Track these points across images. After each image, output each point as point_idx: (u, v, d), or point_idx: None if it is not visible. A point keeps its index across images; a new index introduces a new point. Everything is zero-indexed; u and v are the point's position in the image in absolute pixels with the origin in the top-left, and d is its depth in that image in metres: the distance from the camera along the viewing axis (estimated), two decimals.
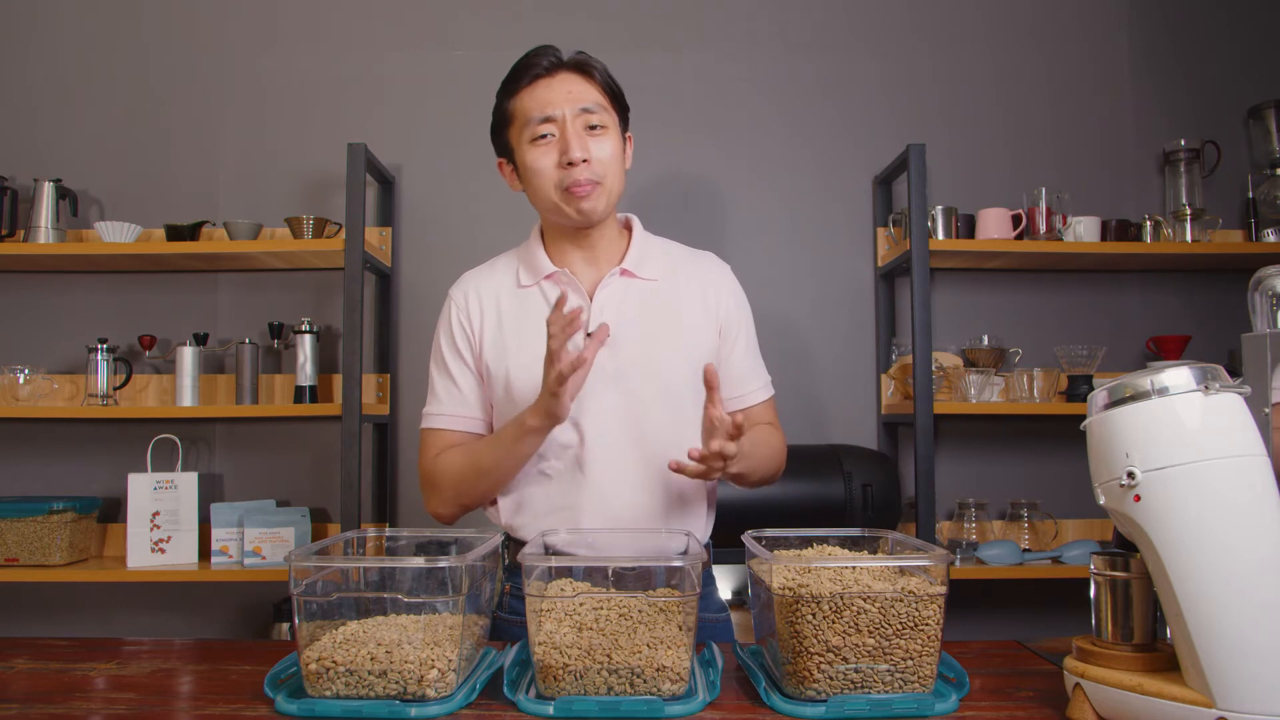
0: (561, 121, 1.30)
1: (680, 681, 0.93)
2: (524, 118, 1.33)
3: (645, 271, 1.39)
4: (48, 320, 2.64)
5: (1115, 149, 2.72)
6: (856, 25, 2.74)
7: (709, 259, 1.48)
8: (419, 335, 2.65)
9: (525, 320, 1.37)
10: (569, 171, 1.30)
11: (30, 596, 2.60)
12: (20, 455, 2.63)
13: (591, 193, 1.31)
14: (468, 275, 1.45)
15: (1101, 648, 0.90)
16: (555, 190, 1.32)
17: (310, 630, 0.95)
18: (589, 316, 1.35)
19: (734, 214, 2.68)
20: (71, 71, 2.69)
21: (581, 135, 1.30)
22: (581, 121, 1.31)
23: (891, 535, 1.12)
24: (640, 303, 1.36)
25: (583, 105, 1.31)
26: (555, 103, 1.30)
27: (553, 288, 1.38)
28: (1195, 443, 0.82)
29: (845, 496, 2.23)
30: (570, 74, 1.33)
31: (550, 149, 1.31)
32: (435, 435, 1.39)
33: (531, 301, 1.38)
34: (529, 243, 1.44)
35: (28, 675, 1.08)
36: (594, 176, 1.30)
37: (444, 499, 1.36)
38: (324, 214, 2.58)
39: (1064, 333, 2.64)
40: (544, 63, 1.32)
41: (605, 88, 1.35)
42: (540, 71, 1.32)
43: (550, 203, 1.33)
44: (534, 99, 1.32)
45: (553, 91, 1.31)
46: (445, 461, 1.36)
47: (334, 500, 2.59)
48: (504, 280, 1.42)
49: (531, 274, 1.40)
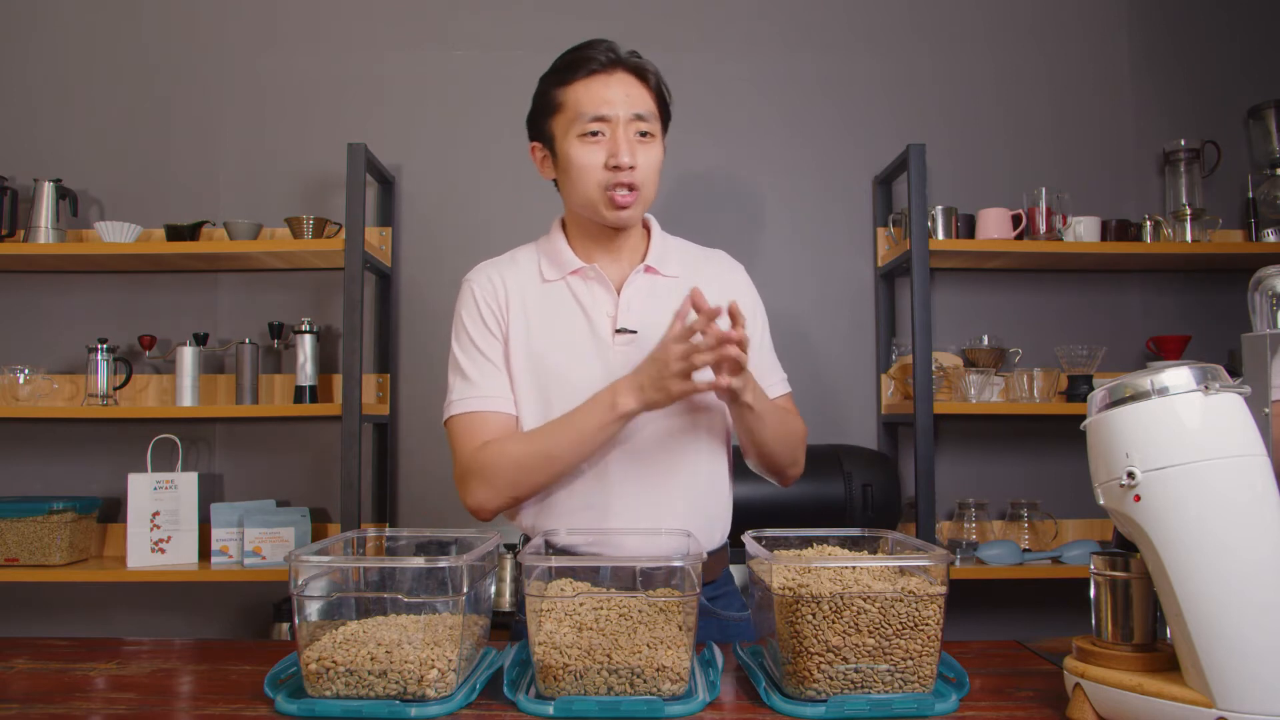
0: (615, 123, 1.30)
1: (680, 681, 0.93)
2: (575, 111, 1.31)
3: (667, 269, 1.41)
4: (48, 320, 2.64)
5: (1115, 149, 2.72)
6: (856, 25, 2.74)
7: (724, 257, 1.50)
8: (419, 335, 2.65)
9: (553, 315, 1.35)
10: (614, 174, 1.29)
11: (30, 596, 2.60)
12: (20, 455, 2.63)
13: (632, 202, 1.31)
14: (486, 265, 1.42)
15: (1101, 648, 0.90)
16: (597, 189, 1.31)
17: (310, 630, 0.95)
18: (615, 313, 1.35)
19: (734, 214, 2.68)
20: (71, 71, 2.69)
21: (632, 141, 1.30)
22: (634, 127, 1.31)
23: (891, 535, 1.12)
24: (665, 300, 1.36)
25: (637, 111, 1.31)
26: (613, 103, 1.30)
27: (580, 283, 1.37)
28: (1195, 443, 0.82)
29: (845, 496, 2.23)
30: (628, 75, 1.32)
31: (599, 148, 1.30)
32: (473, 420, 1.32)
33: (557, 296, 1.37)
34: (550, 237, 1.42)
35: (28, 675, 1.08)
36: (636, 183, 1.30)
37: (496, 490, 1.28)
38: (324, 214, 2.58)
39: (1064, 333, 2.64)
40: (601, 58, 1.31)
41: (657, 95, 1.35)
42: (597, 67, 1.31)
43: (588, 200, 1.32)
44: (589, 94, 1.30)
45: (610, 91, 1.30)
46: (500, 449, 1.29)
47: (334, 500, 2.59)
48: (527, 273, 1.40)
49: (556, 268, 1.38)
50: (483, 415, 1.32)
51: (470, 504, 1.31)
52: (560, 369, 1.31)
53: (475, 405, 1.32)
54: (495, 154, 2.68)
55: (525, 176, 2.66)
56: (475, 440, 1.31)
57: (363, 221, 2.34)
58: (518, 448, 1.29)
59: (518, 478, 1.28)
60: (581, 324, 1.35)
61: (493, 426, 1.32)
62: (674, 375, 1.18)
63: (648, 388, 1.21)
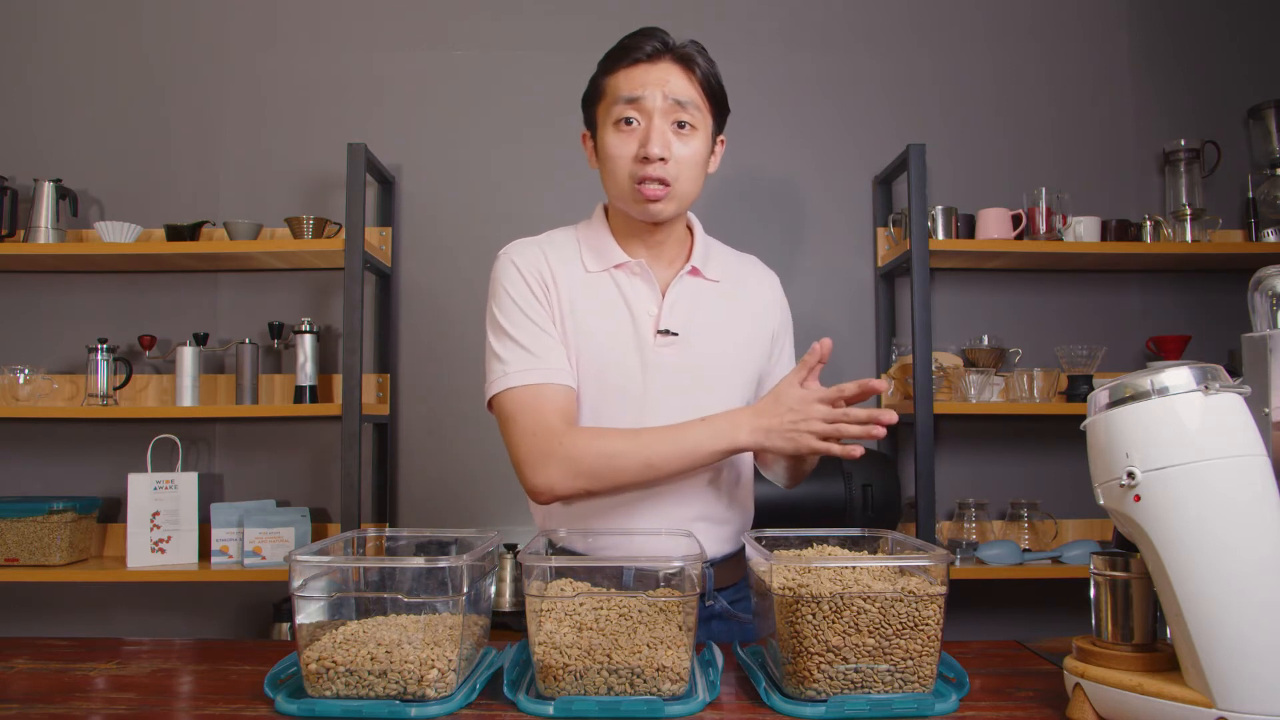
0: (649, 112, 1.25)
1: (680, 681, 0.93)
2: (614, 96, 1.27)
3: (710, 272, 1.39)
4: (48, 320, 2.64)
5: (1115, 149, 2.72)
6: (856, 25, 2.74)
7: (759, 264, 1.50)
8: (419, 335, 2.65)
9: (598, 305, 1.31)
10: (643, 166, 1.25)
11: (30, 596, 2.60)
12: (20, 455, 2.63)
13: (662, 196, 1.26)
14: (527, 242, 1.35)
15: (1101, 648, 0.90)
16: (627, 181, 1.27)
17: (310, 630, 0.95)
18: (658, 313, 1.32)
19: (734, 214, 2.68)
20: (71, 71, 2.69)
21: (665, 131, 1.25)
22: (671, 116, 1.26)
23: (891, 535, 1.12)
24: (709, 303, 1.35)
25: (676, 98, 1.25)
26: (647, 86, 1.25)
27: (625, 277, 1.33)
28: (1195, 443, 0.82)
29: (845, 496, 2.23)
30: (672, 64, 1.27)
31: (631, 137, 1.26)
32: (542, 393, 1.23)
33: (603, 288, 1.32)
34: (592, 225, 1.38)
35: (28, 675, 1.08)
36: (668, 177, 1.26)
37: (576, 478, 1.21)
38: (324, 214, 2.58)
39: (1064, 333, 2.64)
40: (648, 47, 1.26)
41: (705, 85, 1.29)
42: (641, 56, 1.26)
43: (620, 191, 1.29)
44: (629, 80, 1.26)
45: (648, 77, 1.26)
46: (594, 439, 1.22)
47: (334, 500, 2.59)
48: (570, 258, 1.34)
49: (599, 260, 1.34)
50: (547, 389, 1.24)
51: (539, 484, 1.23)
52: (600, 363, 1.28)
53: (538, 377, 1.24)
54: (495, 154, 2.68)
55: (526, 176, 2.67)
56: (547, 415, 1.22)
57: (363, 221, 2.34)
58: (617, 445, 1.22)
59: (606, 473, 1.22)
60: (625, 320, 1.31)
61: (560, 401, 1.24)
62: (812, 434, 1.16)
63: (775, 433, 1.18)
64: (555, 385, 1.25)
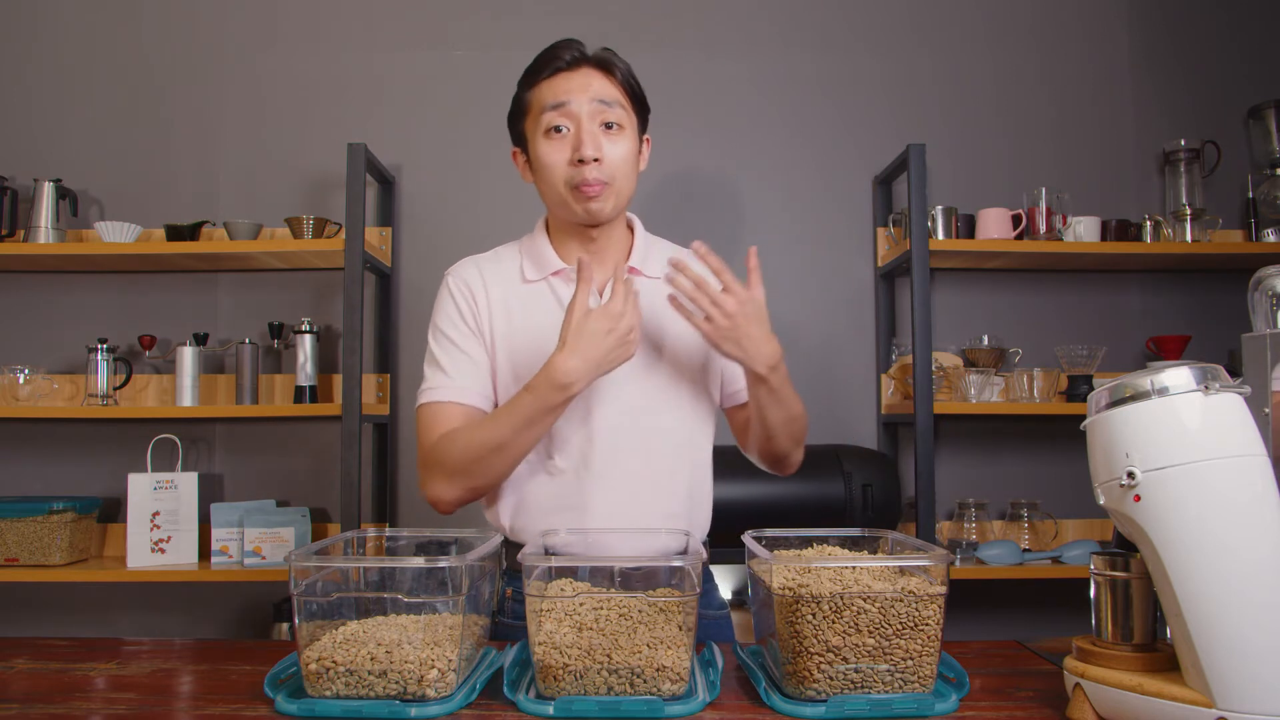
0: (576, 117, 1.28)
1: (680, 681, 0.93)
2: (539, 107, 1.31)
3: (650, 270, 1.40)
4: (48, 320, 2.64)
5: (1115, 149, 2.72)
6: (856, 25, 2.74)
7: None
8: (419, 335, 2.65)
9: (534, 315, 1.34)
10: (579, 169, 1.28)
11: (30, 596, 2.60)
12: (20, 455, 2.63)
13: (600, 193, 1.29)
14: (468, 261, 1.42)
15: (1101, 648, 0.90)
16: (564, 186, 1.30)
17: (310, 630, 0.95)
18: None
19: (734, 214, 2.68)
20: (71, 71, 2.69)
21: (595, 134, 1.28)
22: (598, 119, 1.29)
23: (891, 535, 1.12)
24: (648, 301, 1.36)
25: (600, 99, 1.29)
26: (571, 92, 1.28)
27: (561, 284, 1.36)
28: (1195, 443, 0.82)
29: (845, 496, 2.23)
30: (592, 70, 1.31)
31: (563, 144, 1.29)
32: (439, 410, 1.31)
33: (538, 296, 1.36)
34: (533, 237, 1.42)
35: (28, 675, 1.08)
36: (604, 177, 1.28)
37: (450, 481, 1.27)
38: (324, 214, 2.58)
39: (1064, 333, 2.64)
40: (566, 56, 1.30)
41: (626, 86, 1.33)
42: (561, 65, 1.30)
43: (558, 198, 1.32)
44: (551, 89, 1.30)
45: (571, 83, 1.29)
46: (453, 439, 1.28)
47: (334, 500, 2.59)
48: (509, 271, 1.39)
49: (538, 269, 1.38)
50: (447, 406, 1.31)
51: (429, 495, 1.30)
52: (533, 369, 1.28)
53: (440, 395, 1.31)
54: (495, 154, 2.67)
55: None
56: (436, 431, 1.30)
57: (363, 221, 2.34)
58: (468, 437, 1.26)
59: (472, 468, 1.26)
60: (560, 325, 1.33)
61: (455, 418, 1.30)
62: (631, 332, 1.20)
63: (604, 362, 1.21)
64: (455, 404, 1.31)
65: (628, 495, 1.31)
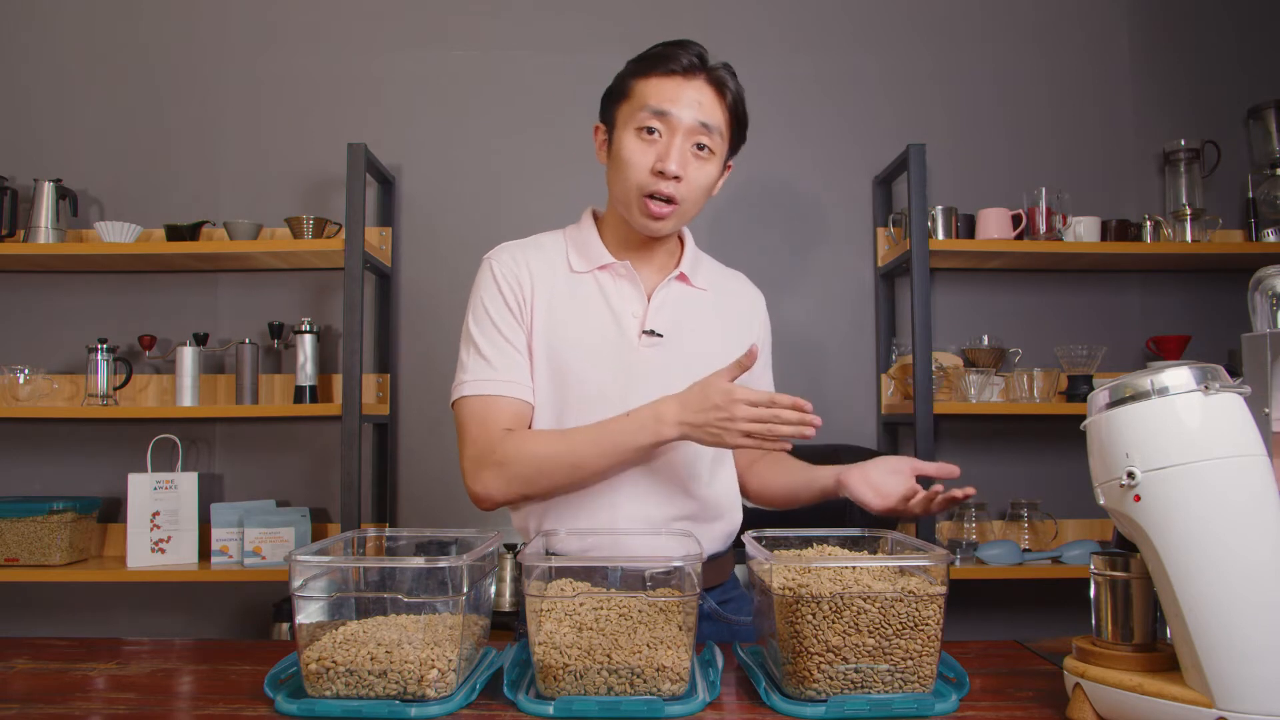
0: (674, 127, 1.26)
1: (680, 681, 0.93)
2: (640, 101, 1.27)
3: (698, 280, 1.40)
4: (48, 320, 2.64)
5: (1115, 149, 2.72)
6: (856, 25, 2.74)
7: (746, 280, 1.53)
8: (419, 335, 2.65)
9: (578, 308, 1.32)
10: (656, 180, 1.26)
11: (30, 596, 2.60)
12: (20, 455, 2.63)
13: (668, 214, 1.28)
14: (510, 245, 1.37)
15: (1101, 648, 0.90)
16: (636, 191, 1.28)
17: (310, 630, 0.95)
18: (644, 315, 1.33)
19: (734, 214, 2.68)
20: (71, 71, 2.69)
21: (685, 152, 1.26)
22: (693, 138, 1.27)
23: (891, 535, 1.13)
24: (694, 310, 1.36)
25: (702, 120, 1.26)
26: (678, 103, 1.25)
27: (609, 279, 1.34)
28: (1195, 443, 0.82)
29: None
30: (705, 84, 1.28)
31: (649, 148, 1.26)
32: (491, 404, 1.26)
33: (585, 288, 1.34)
34: (580, 228, 1.39)
35: (28, 675, 1.08)
36: (677, 196, 1.27)
37: (509, 484, 1.24)
38: (324, 214, 2.58)
39: (1064, 333, 2.64)
40: (684, 60, 1.27)
41: (733, 110, 1.31)
42: (677, 68, 1.26)
43: (626, 198, 1.30)
44: (660, 90, 1.26)
45: (681, 92, 1.26)
46: (523, 443, 1.24)
47: (334, 500, 2.59)
48: (554, 260, 1.35)
49: (585, 261, 1.35)
50: (499, 400, 1.27)
51: (478, 491, 1.26)
52: (579, 365, 1.29)
53: (491, 389, 1.27)
54: (495, 154, 2.68)
55: (526, 176, 2.67)
56: (490, 426, 1.26)
57: (363, 221, 2.34)
58: (544, 447, 1.24)
59: (537, 477, 1.24)
60: (607, 321, 1.32)
61: (509, 414, 1.27)
62: (738, 433, 1.15)
63: (700, 429, 1.17)
64: (506, 398, 1.28)
65: (655, 501, 1.30)
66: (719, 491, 1.37)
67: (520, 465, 1.23)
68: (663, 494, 1.31)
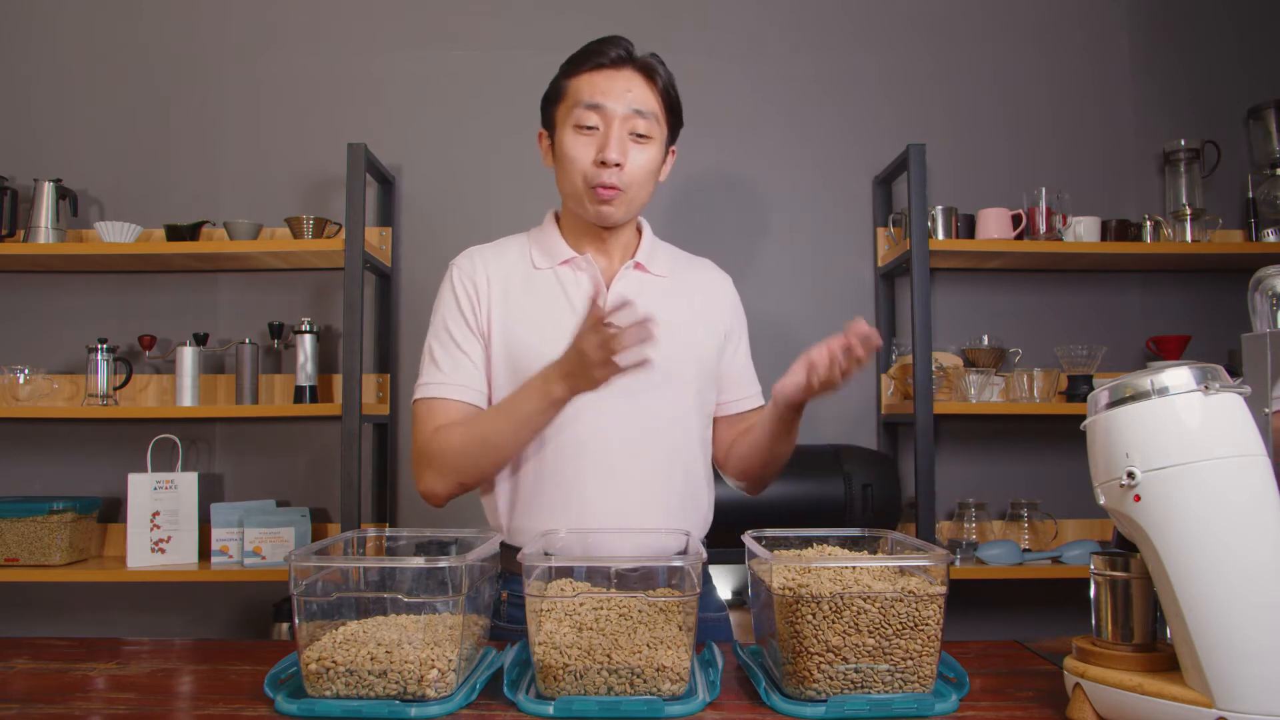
0: (609, 118, 1.29)
1: (680, 681, 0.93)
2: (575, 98, 1.31)
3: (656, 268, 1.42)
4: (48, 320, 2.64)
5: (1115, 149, 2.72)
6: (856, 25, 2.74)
7: (711, 265, 1.53)
8: (419, 335, 2.63)
9: (537, 301, 1.35)
10: (599, 171, 1.29)
11: (30, 596, 2.60)
12: (20, 455, 2.63)
13: (614, 199, 1.31)
14: (473, 250, 1.43)
15: (1101, 648, 0.90)
16: (582, 183, 1.31)
17: (310, 630, 0.95)
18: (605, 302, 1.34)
19: (734, 214, 2.68)
20: (71, 71, 2.69)
21: (623, 139, 1.29)
22: (629, 125, 1.30)
23: (891, 535, 1.12)
24: (654, 297, 1.36)
25: (635, 107, 1.30)
26: (609, 94, 1.29)
27: (569, 273, 1.37)
28: (1195, 443, 0.82)
29: (845, 496, 2.23)
30: (634, 73, 1.32)
31: (589, 142, 1.30)
32: (435, 406, 1.32)
33: (544, 284, 1.37)
34: (543, 228, 1.43)
35: (28, 675, 1.08)
36: (621, 183, 1.30)
37: (441, 476, 1.29)
38: (324, 214, 2.58)
39: (1064, 333, 2.64)
40: (611, 54, 1.31)
41: (665, 96, 1.34)
42: (606, 62, 1.31)
43: (574, 192, 1.33)
44: (592, 84, 1.30)
45: (612, 84, 1.30)
46: (445, 435, 1.29)
47: (334, 500, 2.59)
48: (515, 260, 1.40)
49: (547, 258, 1.39)
50: (443, 402, 1.32)
51: (420, 489, 1.32)
52: (538, 358, 1.29)
53: (437, 391, 1.33)
54: (495, 154, 2.68)
55: (525, 176, 2.66)
56: (431, 425, 1.31)
57: (363, 221, 2.34)
58: (459, 435, 1.28)
59: (462, 464, 1.28)
60: (565, 314, 1.34)
61: (450, 414, 1.31)
62: (596, 364, 1.15)
63: (575, 375, 1.19)
64: (452, 400, 1.32)
65: (623, 493, 1.31)
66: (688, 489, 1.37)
67: (446, 457, 1.28)
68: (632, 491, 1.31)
